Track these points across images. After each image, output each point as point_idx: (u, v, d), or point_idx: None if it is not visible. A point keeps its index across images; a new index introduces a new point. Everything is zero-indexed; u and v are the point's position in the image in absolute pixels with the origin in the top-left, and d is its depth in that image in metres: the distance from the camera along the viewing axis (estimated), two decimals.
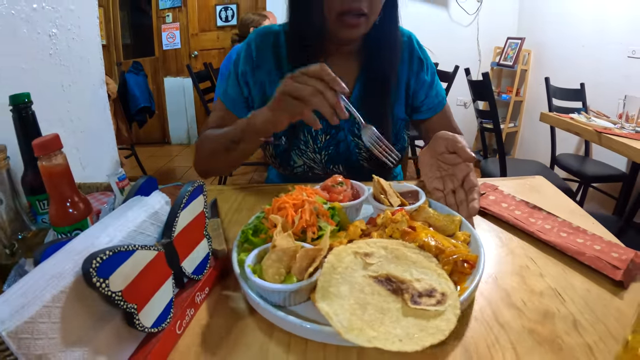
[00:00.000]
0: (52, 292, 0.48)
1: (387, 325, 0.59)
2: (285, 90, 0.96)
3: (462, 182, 1.03)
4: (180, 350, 0.63)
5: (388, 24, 1.28)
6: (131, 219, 0.62)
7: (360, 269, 0.69)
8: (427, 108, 1.40)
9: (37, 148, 0.69)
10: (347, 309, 0.61)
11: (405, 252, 0.72)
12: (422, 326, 0.58)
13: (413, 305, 0.61)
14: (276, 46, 1.34)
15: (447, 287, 0.65)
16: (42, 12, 1.14)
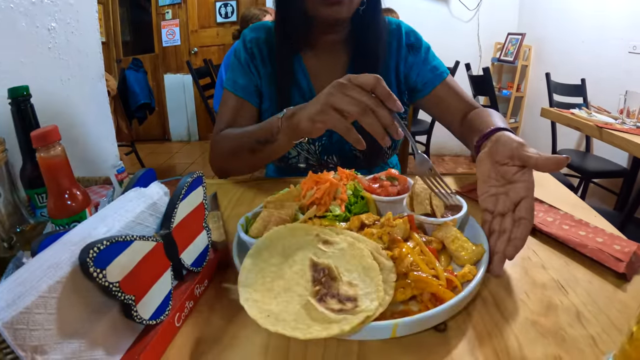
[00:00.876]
0: (49, 282, 0.47)
1: (280, 303, 0.60)
2: (330, 102, 0.86)
3: (514, 208, 0.79)
4: (179, 343, 0.62)
5: (372, 10, 1.28)
6: (130, 210, 0.61)
7: (309, 250, 0.68)
8: (422, 84, 1.37)
9: (36, 139, 0.69)
10: (261, 272, 0.65)
11: (365, 256, 0.67)
12: (306, 321, 0.57)
13: (314, 300, 0.59)
14: (270, 39, 1.35)
15: (370, 305, 0.59)
16: (40, 6, 1.13)
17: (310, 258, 0.66)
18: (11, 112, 0.89)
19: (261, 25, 1.38)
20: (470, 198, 1.11)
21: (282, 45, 1.31)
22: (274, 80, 1.33)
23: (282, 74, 1.31)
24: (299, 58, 1.35)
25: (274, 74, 1.33)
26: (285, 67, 1.31)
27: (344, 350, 0.61)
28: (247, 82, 1.35)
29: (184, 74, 6.64)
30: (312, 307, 0.58)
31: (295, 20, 1.26)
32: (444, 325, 0.64)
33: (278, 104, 1.32)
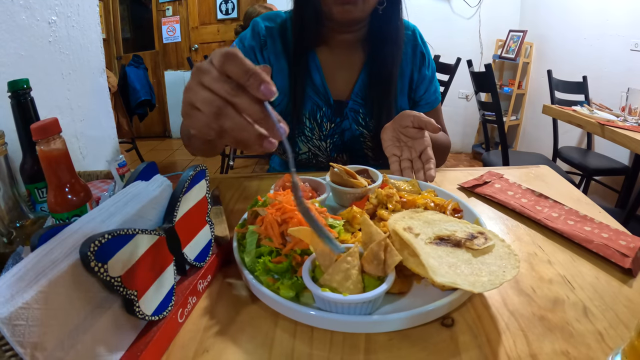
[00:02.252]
0: (49, 276, 0.46)
1: (477, 273, 0.63)
2: (184, 97, 0.61)
3: (419, 154, 1.09)
4: (182, 340, 0.61)
5: (391, 14, 1.28)
6: (131, 203, 0.60)
7: (419, 241, 0.69)
8: (425, 103, 1.41)
9: (36, 132, 0.68)
10: (447, 269, 0.63)
11: (427, 216, 0.77)
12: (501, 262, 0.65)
13: (478, 247, 0.68)
14: (284, 32, 1.34)
15: (475, 228, 0.74)
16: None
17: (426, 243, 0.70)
18: (11, 105, 0.88)
19: (275, 15, 1.36)
20: (473, 193, 1.10)
21: (298, 41, 1.30)
22: (287, 74, 1.32)
23: (296, 70, 1.30)
24: (313, 54, 1.34)
25: (288, 68, 1.32)
26: (300, 63, 1.31)
27: (350, 344, 0.60)
28: None
29: (185, 71, 6.66)
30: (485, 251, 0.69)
31: (311, 18, 1.25)
32: (451, 320, 0.64)
33: (291, 99, 1.31)
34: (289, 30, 1.33)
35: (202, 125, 0.59)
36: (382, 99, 1.32)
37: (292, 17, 1.33)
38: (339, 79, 1.34)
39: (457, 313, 0.66)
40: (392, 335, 0.61)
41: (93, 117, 1.34)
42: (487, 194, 1.08)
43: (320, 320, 0.61)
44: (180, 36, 6.62)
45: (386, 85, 1.32)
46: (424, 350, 0.58)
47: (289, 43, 1.32)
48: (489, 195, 1.07)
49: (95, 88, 1.37)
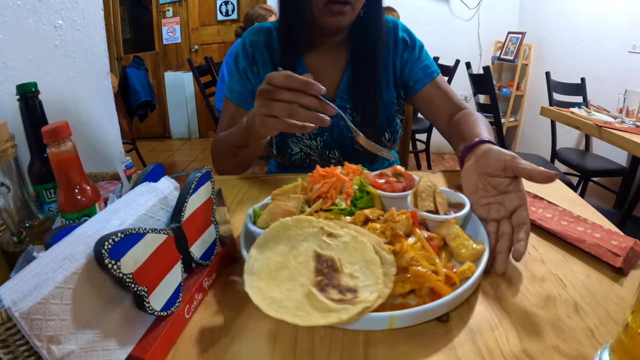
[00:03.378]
0: (65, 273, 0.48)
1: (283, 291, 0.62)
2: (262, 112, 0.96)
3: (510, 215, 0.83)
4: (189, 334, 0.64)
5: (373, 13, 1.32)
6: (141, 203, 0.63)
7: (313, 242, 0.70)
8: (413, 81, 1.42)
9: (47, 134, 0.70)
10: (267, 261, 0.67)
11: (367, 249, 0.68)
12: (307, 309, 0.59)
13: (315, 290, 0.61)
14: (269, 42, 1.39)
15: (369, 296, 0.61)
16: (47, 4, 1.15)
17: (314, 250, 0.68)
18: (19, 108, 0.90)
19: (260, 27, 1.41)
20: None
21: (285, 48, 1.35)
22: None
23: None
24: (300, 59, 1.39)
25: None
26: (287, 69, 1.33)
27: (349, 338, 0.63)
28: (242, 89, 1.40)
29: (185, 72, 6.68)
30: (314, 296, 0.60)
31: (300, 26, 1.30)
32: (446, 316, 0.66)
33: None
34: (274, 39, 1.39)
35: (279, 126, 0.96)
36: (366, 93, 1.37)
37: (277, 27, 1.38)
38: (325, 79, 1.38)
39: (452, 310, 0.68)
40: (389, 330, 0.64)
41: (98, 120, 1.36)
42: None
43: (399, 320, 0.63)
44: (180, 37, 6.64)
45: (370, 81, 1.37)
46: (420, 344, 0.61)
47: (275, 51, 1.39)
48: None
49: (99, 91, 1.39)
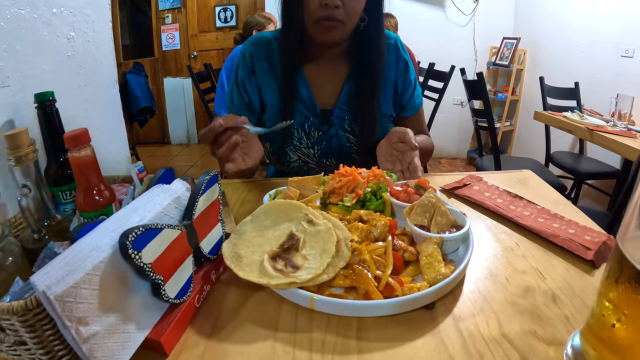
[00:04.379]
0: (93, 262, 0.55)
1: (247, 252, 0.78)
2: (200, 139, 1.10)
3: (408, 165, 1.22)
4: (199, 321, 0.71)
5: (373, 28, 1.37)
6: (158, 203, 0.70)
7: (293, 224, 0.84)
8: (411, 107, 1.52)
9: (68, 140, 0.76)
10: (253, 229, 0.84)
11: (331, 241, 0.77)
12: (252, 268, 0.75)
13: (267, 257, 0.75)
14: (269, 52, 1.43)
15: (303, 276, 0.72)
16: (60, 16, 1.21)
17: (291, 230, 0.82)
18: (37, 115, 0.97)
19: (260, 38, 1.45)
20: (453, 194, 1.21)
21: (285, 60, 1.40)
22: (276, 91, 1.41)
23: (285, 87, 1.40)
24: (300, 70, 1.43)
25: (276, 85, 1.41)
26: (287, 80, 1.40)
27: (344, 323, 0.70)
28: (240, 100, 1.45)
29: (184, 78, 6.71)
30: (263, 261, 0.74)
31: (296, 40, 1.35)
32: (432, 304, 0.73)
33: (281, 114, 1.40)
34: (274, 50, 1.43)
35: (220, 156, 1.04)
36: (366, 106, 1.42)
37: (277, 38, 1.43)
38: (325, 90, 1.44)
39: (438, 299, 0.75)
40: (380, 317, 0.71)
41: (107, 126, 1.42)
42: (465, 195, 1.18)
43: (319, 303, 0.70)
44: (179, 43, 6.66)
45: (370, 94, 1.42)
46: (408, 328, 0.68)
47: (275, 62, 1.43)
48: (467, 196, 1.17)
49: (108, 99, 1.45)
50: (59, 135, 0.98)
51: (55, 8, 1.19)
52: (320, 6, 1.23)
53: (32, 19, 1.11)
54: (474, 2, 5.49)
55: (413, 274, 0.81)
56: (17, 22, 1.07)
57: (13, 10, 1.05)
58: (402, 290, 0.72)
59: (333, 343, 0.66)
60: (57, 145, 0.99)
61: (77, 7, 1.28)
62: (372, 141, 1.44)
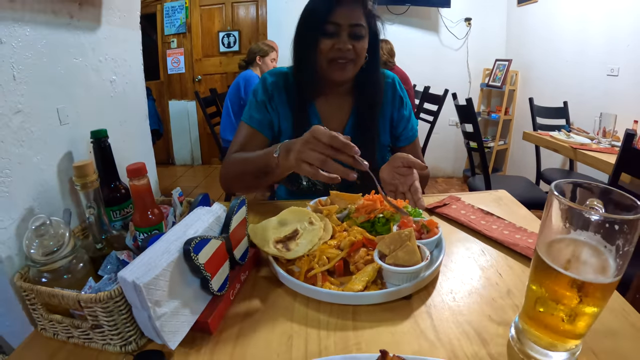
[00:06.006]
0: (166, 261, 0.78)
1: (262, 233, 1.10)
2: (301, 157, 1.12)
3: (409, 188, 1.27)
4: (234, 310, 0.93)
5: (372, 68, 1.60)
6: (205, 220, 0.94)
7: (300, 223, 1.14)
8: (404, 138, 1.72)
9: (130, 172, 0.99)
10: (273, 222, 1.16)
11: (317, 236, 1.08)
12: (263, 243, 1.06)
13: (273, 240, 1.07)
14: (286, 85, 1.63)
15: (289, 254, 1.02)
16: (105, 63, 1.42)
17: (297, 226, 1.12)
18: (93, 148, 1.17)
19: (278, 71, 1.65)
20: (434, 212, 1.43)
21: (300, 96, 1.60)
22: (291, 120, 1.61)
23: (298, 118, 1.60)
24: (312, 103, 1.65)
25: (291, 115, 1.61)
26: (301, 113, 1.60)
27: (344, 310, 0.92)
28: (262, 117, 1.61)
29: (188, 101, 6.90)
30: (269, 241, 1.06)
31: (310, 78, 1.56)
32: (410, 296, 0.95)
33: None
34: (291, 83, 1.63)
35: (311, 172, 1.12)
36: (367, 137, 1.62)
37: (293, 74, 1.63)
38: (334, 121, 1.65)
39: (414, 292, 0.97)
40: (370, 304, 0.93)
41: (140, 155, 1.63)
42: (444, 213, 1.40)
43: (324, 295, 0.93)
44: (184, 67, 6.84)
45: (370, 126, 1.63)
46: (391, 313, 0.91)
47: (291, 94, 1.62)
48: (445, 213, 1.39)
49: (141, 131, 1.66)
50: (111, 165, 1.20)
51: (101, 56, 1.41)
52: (332, 49, 1.46)
53: (84, 67, 1.33)
54: (466, 27, 5.74)
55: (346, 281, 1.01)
56: (74, 69, 1.28)
57: (71, 60, 1.26)
58: (323, 285, 0.97)
59: (335, 323, 0.88)
60: (109, 174, 1.19)
61: (118, 54, 1.51)
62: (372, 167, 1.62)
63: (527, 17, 5.39)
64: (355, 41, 1.47)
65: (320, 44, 1.48)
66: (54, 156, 1.19)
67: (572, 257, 0.71)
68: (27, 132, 1.08)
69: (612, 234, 0.65)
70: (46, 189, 1.14)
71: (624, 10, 3.77)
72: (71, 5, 1.27)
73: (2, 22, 1.00)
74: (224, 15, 6.68)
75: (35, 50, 1.11)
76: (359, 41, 1.48)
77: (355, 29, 1.46)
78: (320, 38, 1.47)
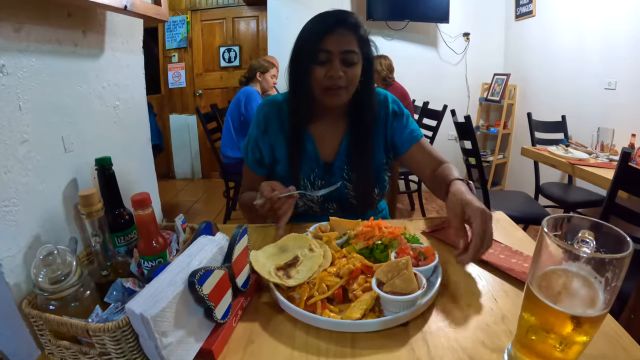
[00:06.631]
0: (172, 293, 0.81)
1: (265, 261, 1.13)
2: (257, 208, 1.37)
3: None
4: (236, 337, 0.96)
5: (366, 92, 1.62)
6: (208, 251, 0.97)
7: (300, 249, 1.18)
8: (402, 143, 1.70)
9: (135, 203, 1.02)
10: (273, 248, 1.20)
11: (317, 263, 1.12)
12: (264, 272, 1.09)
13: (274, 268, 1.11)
14: (279, 113, 1.66)
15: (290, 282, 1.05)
16: (109, 89, 1.45)
17: (297, 253, 1.16)
18: (97, 175, 1.21)
19: (273, 100, 1.69)
20: (431, 235, 1.45)
21: (293, 122, 1.63)
22: (286, 147, 1.64)
23: (292, 144, 1.63)
24: (306, 128, 1.67)
25: (285, 142, 1.64)
26: (295, 139, 1.63)
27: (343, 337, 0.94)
28: (253, 157, 1.70)
29: (189, 115, 6.93)
30: (271, 269, 1.10)
31: (305, 104, 1.59)
32: (407, 323, 0.98)
33: (289, 166, 1.64)
34: (284, 111, 1.66)
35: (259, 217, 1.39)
36: (361, 158, 1.64)
37: (287, 101, 1.66)
38: (327, 145, 1.67)
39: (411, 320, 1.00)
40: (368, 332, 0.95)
41: (143, 180, 1.66)
42: (442, 238, 1.42)
43: (324, 323, 0.96)
44: (185, 82, 6.90)
45: (364, 147, 1.64)
46: (388, 340, 0.93)
47: (285, 121, 1.65)
48: (443, 239, 1.41)
49: (143, 156, 1.68)
50: (115, 192, 1.23)
51: (104, 83, 1.44)
52: (325, 77, 1.48)
53: (88, 94, 1.36)
54: (465, 41, 5.79)
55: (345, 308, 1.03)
56: (78, 97, 1.30)
57: (75, 87, 1.29)
58: (323, 312, 0.99)
59: (334, 350, 0.90)
60: (113, 200, 1.22)
61: (121, 79, 1.54)
62: (367, 188, 1.66)
63: (525, 32, 5.42)
64: (347, 68, 1.49)
65: (313, 71, 1.50)
66: (59, 183, 1.21)
67: (562, 288, 0.74)
68: (33, 161, 1.11)
69: (602, 265, 0.68)
70: (52, 216, 1.17)
71: (620, 24, 3.80)
72: (75, 33, 1.30)
73: (7, 53, 1.03)
74: (224, 30, 6.76)
75: (40, 79, 1.14)
76: (351, 67, 1.50)
77: (347, 55, 1.49)
78: (312, 66, 1.50)
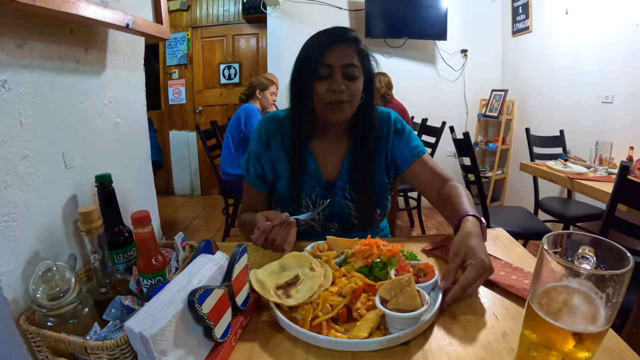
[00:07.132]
0: (172, 312, 0.80)
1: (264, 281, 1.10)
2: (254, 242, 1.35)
3: None
4: (235, 356, 0.95)
5: (368, 108, 1.60)
6: (208, 269, 0.97)
7: (301, 269, 1.16)
8: (402, 161, 1.68)
9: (135, 221, 1.02)
10: (274, 267, 1.19)
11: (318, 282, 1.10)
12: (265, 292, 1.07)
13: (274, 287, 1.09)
14: (281, 129, 1.65)
15: (290, 302, 1.04)
16: (110, 106, 1.45)
17: (298, 272, 1.15)
18: (97, 192, 1.21)
19: (274, 116, 1.68)
20: (431, 253, 1.44)
21: (295, 139, 1.62)
22: (287, 165, 1.64)
23: (294, 162, 1.62)
24: (307, 145, 1.65)
25: (287, 159, 1.63)
26: (296, 156, 1.62)
27: (343, 355, 0.94)
28: (254, 172, 1.68)
29: (189, 131, 6.95)
30: (270, 289, 1.08)
31: (307, 119, 1.57)
32: (408, 342, 0.97)
33: (291, 184, 1.63)
34: (286, 127, 1.64)
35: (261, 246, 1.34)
36: (363, 177, 1.63)
37: (288, 117, 1.65)
38: (329, 164, 1.66)
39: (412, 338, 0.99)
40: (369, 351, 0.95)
41: (142, 197, 1.67)
42: (441, 256, 1.41)
43: (325, 342, 0.95)
44: (185, 98, 6.93)
45: (366, 167, 1.64)
46: (390, 358, 0.92)
47: (286, 138, 1.64)
48: (442, 257, 1.40)
49: (143, 172, 1.69)
50: (115, 209, 1.23)
51: (106, 100, 1.44)
52: (328, 91, 1.47)
53: (89, 110, 1.36)
54: (463, 58, 5.83)
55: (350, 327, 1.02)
56: (79, 113, 1.31)
57: (76, 104, 1.30)
58: (329, 332, 0.98)
59: None
60: (112, 217, 1.22)
61: (122, 96, 1.55)
62: (369, 208, 1.65)
63: (522, 47, 5.46)
64: (349, 82, 1.48)
65: (315, 86, 1.49)
66: (59, 200, 1.21)
67: (563, 305, 0.74)
68: (33, 176, 1.11)
69: (602, 281, 0.68)
70: (51, 232, 1.17)
71: (616, 37, 3.82)
72: (77, 50, 1.31)
73: (10, 69, 1.04)
74: (225, 47, 6.82)
75: (41, 95, 1.15)
76: (353, 82, 1.49)
77: (349, 69, 1.48)
78: (314, 81, 1.49)
